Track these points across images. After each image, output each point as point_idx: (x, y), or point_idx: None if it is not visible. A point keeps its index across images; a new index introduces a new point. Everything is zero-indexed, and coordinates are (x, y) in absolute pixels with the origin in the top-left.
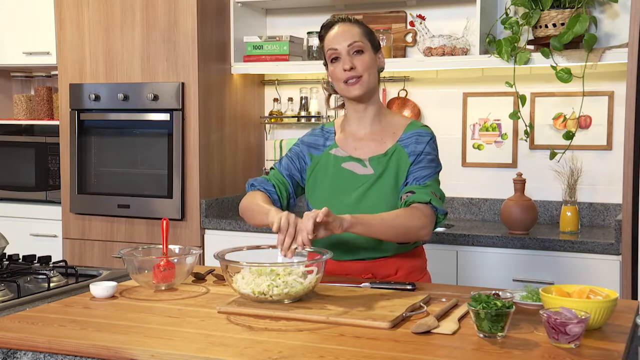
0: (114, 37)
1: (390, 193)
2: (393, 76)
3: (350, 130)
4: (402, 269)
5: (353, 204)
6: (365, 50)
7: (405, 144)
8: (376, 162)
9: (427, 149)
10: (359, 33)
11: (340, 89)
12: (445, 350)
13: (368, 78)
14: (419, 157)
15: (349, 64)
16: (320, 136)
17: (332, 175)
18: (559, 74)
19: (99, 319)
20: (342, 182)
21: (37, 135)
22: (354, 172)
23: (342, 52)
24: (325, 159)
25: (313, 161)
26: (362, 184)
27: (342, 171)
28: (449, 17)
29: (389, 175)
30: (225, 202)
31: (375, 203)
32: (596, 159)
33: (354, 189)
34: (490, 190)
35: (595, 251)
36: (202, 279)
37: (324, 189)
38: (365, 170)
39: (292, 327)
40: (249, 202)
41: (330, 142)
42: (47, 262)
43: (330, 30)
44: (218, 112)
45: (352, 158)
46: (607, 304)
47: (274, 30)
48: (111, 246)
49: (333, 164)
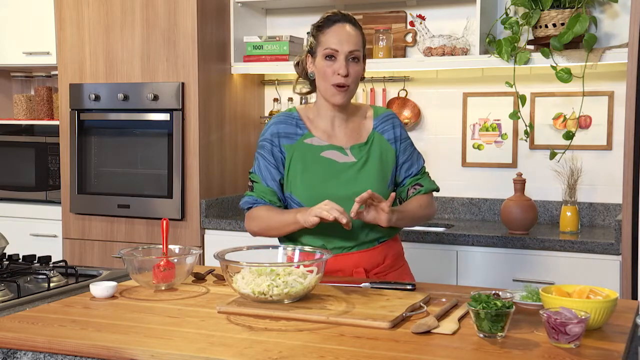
0: (114, 37)
1: (376, 180)
2: (393, 76)
3: (321, 125)
4: (389, 257)
5: (342, 193)
6: (360, 59)
7: (382, 130)
8: (357, 150)
9: (403, 132)
10: (360, 42)
11: (325, 89)
12: (445, 350)
13: (353, 88)
14: (401, 143)
15: (345, 70)
16: (291, 124)
17: (311, 165)
18: (559, 74)
19: (99, 319)
20: (323, 171)
21: (37, 135)
22: (334, 160)
23: (342, 55)
24: (300, 148)
25: (288, 152)
26: (344, 171)
27: (322, 160)
28: (449, 17)
29: (372, 163)
30: (225, 202)
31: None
32: (596, 159)
33: (336, 177)
34: (490, 190)
35: (595, 251)
36: (202, 279)
37: (306, 180)
38: (346, 158)
39: (292, 327)
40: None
41: (303, 131)
42: (47, 262)
43: (333, 26)
44: (218, 112)
45: (333, 146)
46: (607, 304)
47: (274, 30)
48: (111, 246)
49: (311, 153)
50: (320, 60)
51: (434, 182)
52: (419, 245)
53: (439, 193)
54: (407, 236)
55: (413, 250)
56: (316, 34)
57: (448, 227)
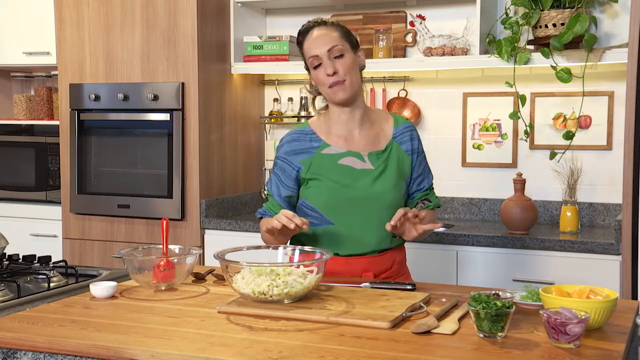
0: (114, 37)
1: (392, 189)
2: (393, 76)
3: (337, 132)
4: (395, 263)
5: (360, 199)
6: (345, 52)
7: (400, 141)
8: (375, 157)
9: (420, 146)
10: (337, 36)
11: (326, 93)
12: (445, 350)
13: (351, 80)
14: (418, 156)
15: (331, 69)
16: (304, 140)
17: (329, 174)
18: (559, 74)
19: (99, 319)
20: (341, 179)
21: (37, 135)
22: (352, 167)
23: (323, 57)
24: (318, 160)
25: (305, 165)
26: (362, 178)
27: (340, 167)
28: (449, 17)
29: (391, 171)
30: (225, 202)
31: (380, 199)
32: (596, 159)
33: (354, 183)
34: (490, 190)
35: (595, 251)
36: (202, 279)
37: (322, 186)
38: (364, 165)
39: (292, 327)
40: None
41: (319, 143)
42: (47, 262)
43: (307, 36)
44: (218, 112)
45: (351, 152)
46: (607, 304)
47: (274, 30)
48: (111, 246)
49: (328, 162)
50: (312, 71)
51: (438, 198)
52: (419, 245)
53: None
54: None
55: (413, 250)
56: (300, 50)
57: (448, 227)
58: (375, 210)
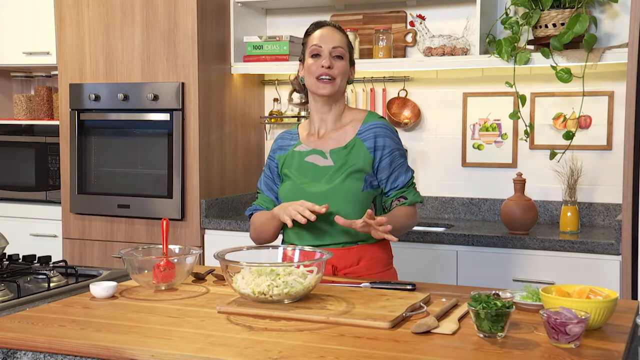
0: (114, 37)
1: (353, 185)
2: (393, 76)
3: (313, 129)
4: (364, 259)
5: (320, 195)
6: (344, 58)
7: (363, 138)
8: (336, 154)
9: (392, 143)
10: (344, 42)
11: (311, 84)
12: (445, 350)
13: (340, 83)
14: (389, 153)
15: (328, 62)
16: (287, 138)
17: (296, 169)
18: (559, 74)
19: (99, 319)
20: (306, 175)
21: (37, 135)
22: (315, 165)
23: (325, 51)
24: (290, 156)
25: (280, 161)
26: (324, 175)
27: (305, 164)
28: (449, 17)
29: (349, 167)
30: (225, 202)
31: (336, 193)
32: (596, 159)
33: (316, 180)
34: (490, 190)
35: (595, 251)
36: (202, 279)
37: (290, 183)
38: (326, 162)
39: (292, 327)
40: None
41: (295, 142)
42: (47, 262)
43: (319, 29)
44: (218, 112)
45: (315, 151)
46: (607, 304)
47: (274, 30)
48: (111, 246)
49: (297, 159)
50: (308, 59)
51: (419, 194)
52: (419, 245)
53: (439, 193)
54: (408, 236)
55: (413, 250)
56: (304, 40)
57: (448, 227)
58: (334, 204)
